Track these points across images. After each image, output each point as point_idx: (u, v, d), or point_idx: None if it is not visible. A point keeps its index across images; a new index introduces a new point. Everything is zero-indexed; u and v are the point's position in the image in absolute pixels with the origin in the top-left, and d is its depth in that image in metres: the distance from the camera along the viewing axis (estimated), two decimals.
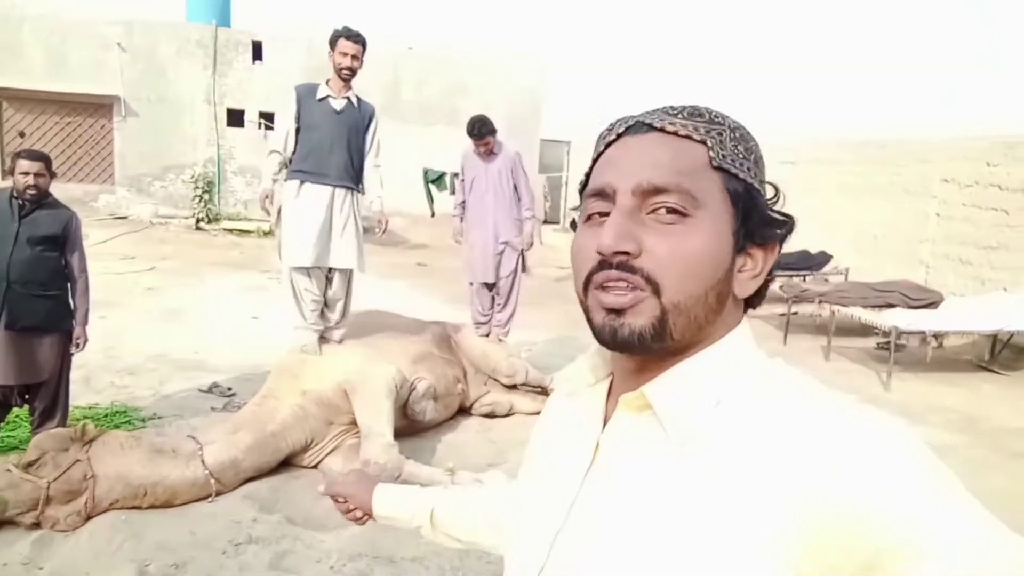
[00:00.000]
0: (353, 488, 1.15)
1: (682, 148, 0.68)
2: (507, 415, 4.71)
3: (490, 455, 4.13)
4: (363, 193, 4.37)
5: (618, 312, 0.66)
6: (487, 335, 5.17)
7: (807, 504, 0.57)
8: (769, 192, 0.74)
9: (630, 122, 0.71)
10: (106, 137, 13.13)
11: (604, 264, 0.66)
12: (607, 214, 0.68)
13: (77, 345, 3.59)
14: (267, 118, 13.81)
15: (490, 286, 5.33)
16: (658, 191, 0.66)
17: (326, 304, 4.28)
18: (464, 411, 4.69)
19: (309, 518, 3.28)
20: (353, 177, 4.27)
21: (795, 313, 7.86)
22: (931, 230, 8.29)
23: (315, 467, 3.77)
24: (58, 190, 13.06)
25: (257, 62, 13.76)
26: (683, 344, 0.68)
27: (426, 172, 12.62)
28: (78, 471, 2.99)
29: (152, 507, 3.16)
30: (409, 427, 4.13)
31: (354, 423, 3.84)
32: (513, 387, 4.81)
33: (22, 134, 12.63)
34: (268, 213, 4.32)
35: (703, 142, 0.68)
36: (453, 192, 13.02)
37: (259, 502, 3.36)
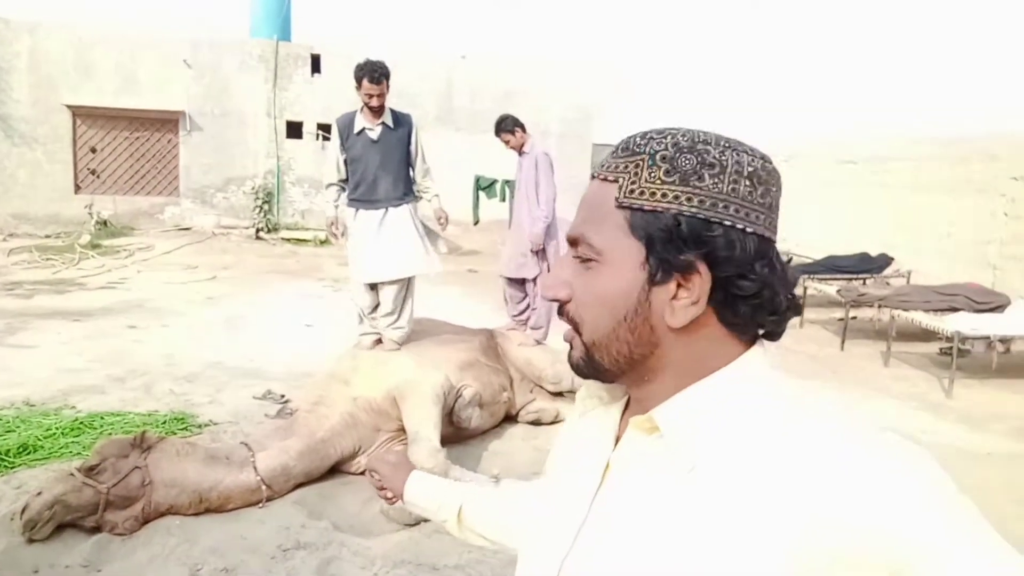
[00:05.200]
0: (389, 469, 1.23)
1: (602, 192, 0.72)
2: (553, 422, 4.71)
3: (535, 462, 4.14)
4: (418, 198, 4.66)
5: (569, 345, 0.76)
6: (517, 329, 5.39)
7: (819, 530, 0.58)
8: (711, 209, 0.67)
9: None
10: (172, 151, 13.64)
11: (559, 309, 0.77)
12: None
13: None
14: (325, 129, 14.15)
15: (518, 284, 5.60)
16: (571, 242, 0.74)
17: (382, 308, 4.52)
18: (510, 418, 4.71)
19: (356, 525, 3.35)
20: (403, 192, 4.52)
21: (853, 318, 7.65)
22: (999, 230, 7.94)
23: (362, 474, 3.85)
24: (127, 203, 13.60)
25: (316, 75, 14.10)
26: (638, 373, 0.72)
27: (478, 179, 12.72)
28: (137, 477, 3.12)
29: (206, 512, 3.28)
30: (455, 434, 4.18)
31: (401, 430, 3.90)
32: (559, 394, 4.82)
33: (94, 149, 13.23)
34: (336, 238, 4.66)
35: (616, 181, 0.70)
36: (503, 199, 13.13)
37: (308, 508, 3.45)
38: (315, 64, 14.09)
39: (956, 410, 5.34)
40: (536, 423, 4.69)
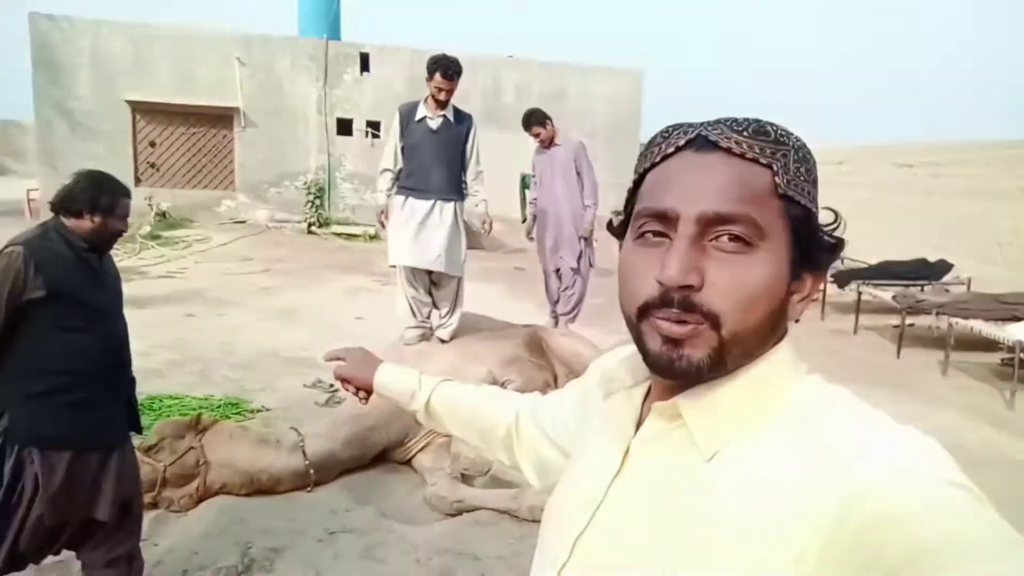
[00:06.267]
0: (352, 370, 1.21)
1: (748, 172, 0.65)
2: None
3: None
4: (465, 200, 4.66)
5: (676, 342, 0.65)
6: (555, 323, 5.59)
7: (834, 520, 0.57)
8: (827, 217, 0.73)
9: (691, 134, 0.68)
10: (227, 147, 14.01)
11: (665, 297, 0.65)
12: (663, 234, 0.67)
13: None
14: (374, 127, 14.35)
15: (558, 275, 5.75)
16: (723, 220, 0.64)
17: (434, 304, 4.60)
18: None
19: (400, 512, 3.41)
20: (454, 188, 4.53)
21: (911, 325, 7.43)
22: None
23: (407, 463, 3.91)
24: (185, 196, 13.95)
25: (365, 73, 14.32)
26: (733, 370, 0.68)
27: (524, 177, 12.76)
28: (192, 457, 3.23)
29: (257, 493, 3.37)
30: None
31: None
32: None
33: (153, 144, 13.67)
34: (383, 227, 4.67)
35: (769, 166, 0.66)
36: None
37: (355, 494, 3.52)
38: (364, 63, 14.30)
39: (1018, 423, 5.16)
40: None
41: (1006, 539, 0.54)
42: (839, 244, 0.71)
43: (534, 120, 5.71)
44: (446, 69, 4.27)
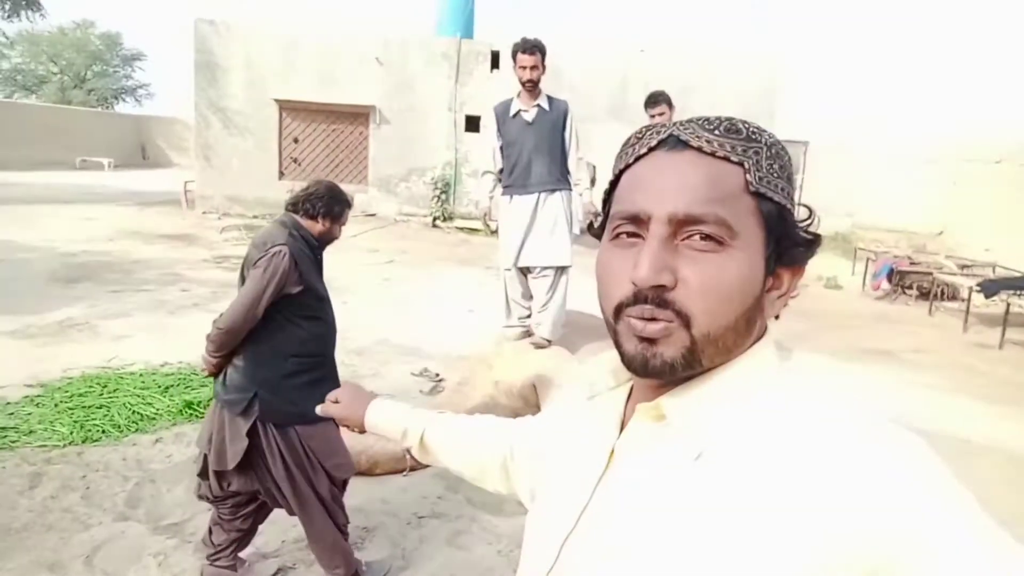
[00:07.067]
0: (342, 411, 1.23)
1: (719, 170, 0.66)
2: None
3: None
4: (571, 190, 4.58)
5: (650, 341, 0.66)
6: None
7: (819, 516, 0.58)
8: (802, 213, 0.73)
9: (663, 134, 0.69)
10: (363, 143, 14.70)
11: (639, 296, 0.66)
12: (636, 235, 0.68)
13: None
14: None
15: None
16: (694, 220, 0.65)
17: (531, 298, 4.58)
18: None
19: (488, 502, 3.49)
20: (557, 178, 4.46)
21: None
22: None
23: None
24: None
25: (495, 71, 14.57)
26: (710, 368, 0.69)
27: None
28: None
29: (356, 474, 3.54)
30: None
31: None
32: None
33: (296, 140, 14.56)
34: (489, 228, 4.69)
35: (740, 163, 0.66)
36: None
37: (447, 481, 3.63)
38: (494, 60, 14.54)
39: None
40: None
41: (989, 543, 0.55)
42: (815, 240, 0.71)
43: (661, 99, 5.41)
44: (524, 45, 4.26)
